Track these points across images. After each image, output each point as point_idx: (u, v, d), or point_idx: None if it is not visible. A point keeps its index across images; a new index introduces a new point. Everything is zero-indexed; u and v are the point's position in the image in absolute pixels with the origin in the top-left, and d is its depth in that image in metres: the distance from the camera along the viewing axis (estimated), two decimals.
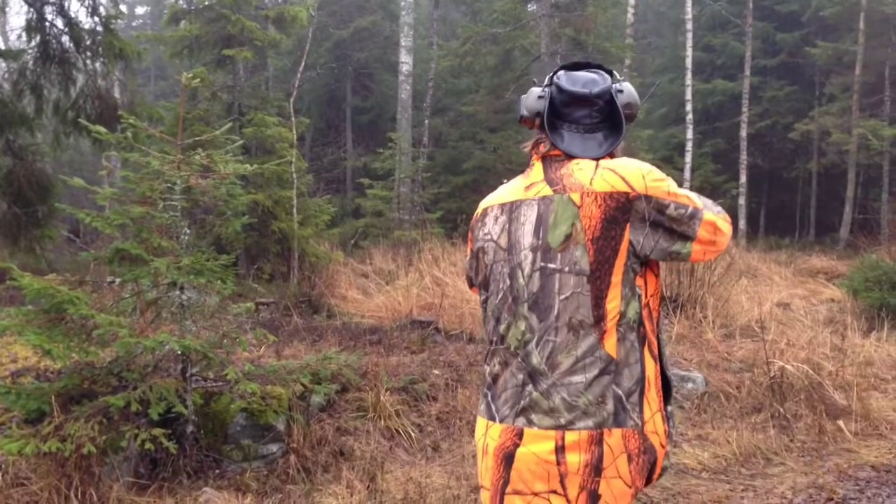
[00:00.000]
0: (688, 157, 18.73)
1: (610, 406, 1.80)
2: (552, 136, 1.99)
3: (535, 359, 1.87)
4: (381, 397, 5.38)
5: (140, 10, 38.20)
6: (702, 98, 19.99)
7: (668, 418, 1.93)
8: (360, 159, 18.36)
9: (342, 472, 4.62)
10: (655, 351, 1.91)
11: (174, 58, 11.95)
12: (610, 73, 2.08)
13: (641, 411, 1.83)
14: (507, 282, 1.96)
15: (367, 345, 6.65)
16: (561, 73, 2.07)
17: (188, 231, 4.69)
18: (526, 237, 1.93)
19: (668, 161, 19.83)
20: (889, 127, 17.17)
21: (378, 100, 19.98)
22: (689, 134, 18.78)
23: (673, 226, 1.87)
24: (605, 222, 1.83)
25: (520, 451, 1.86)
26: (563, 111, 2.01)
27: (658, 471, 1.90)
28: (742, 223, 18.96)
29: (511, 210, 2.00)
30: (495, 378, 1.97)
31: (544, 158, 2.01)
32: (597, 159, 1.94)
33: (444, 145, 18.24)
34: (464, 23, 19.03)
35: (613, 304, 1.82)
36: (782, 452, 5.42)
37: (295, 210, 10.81)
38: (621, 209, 1.83)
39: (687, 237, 1.87)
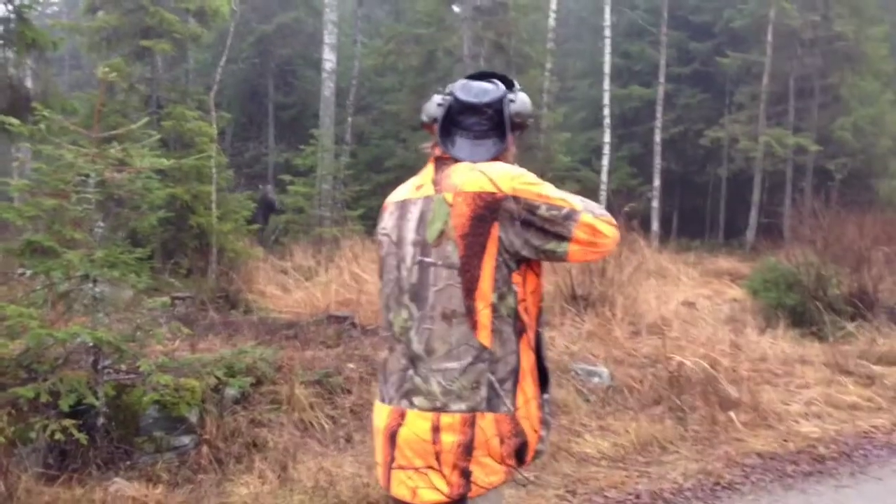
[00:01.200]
0: (605, 161, 19.26)
1: (483, 392, 1.97)
2: (443, 141, 2.14)
3: (415, 345, 2.03)
4: (296, 390, 5.48)
5: None
6: (619, 103, 20.56)
7: (542, 406, 2.09)
8: (281, 155, 18.28)
9: (254, 463, 4.72)
10: (533, 343, 2.07)
11: (91, 49, 11.72)
12: (510, 83, 2.22)
13: (515, 398, 2.00)
14: (395, 273, 2.12)
15: (283, 339, 6.72)
16: (459, 82, 2.22)
17: (102, 224, 4.70)
18: (410, 233, 2.09)
19: (587, 164, 20.35)
20: (792, 135, 18.00)
21: (301, 96, 19.91)
22: (607, 138, 19.31)
23: (545, 226, 2.00)
24: (473, 220, 1.97)
25: (402, 430, 2.02)
26: (457, 118, 2.15)
27: (531, 453, 2.07)
28: (655, 225, 19.58)
29: (402, 207, 2.15)
30: (385, 362, 2.15)
31: (437, 161, 2.15)
32: (482, 161, 2.08)
33: (367, 143, 18.33)
34: (387, 22, 19.14)
35: (484, 296, 1.97)
36: (677, 441, 5.73)
37: (214, 205, 10.74)
38: (489, 208, 1.97)
39: (562, 237, 2.00)
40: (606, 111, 19.28)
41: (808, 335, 9.02)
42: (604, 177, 19.20)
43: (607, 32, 19.45)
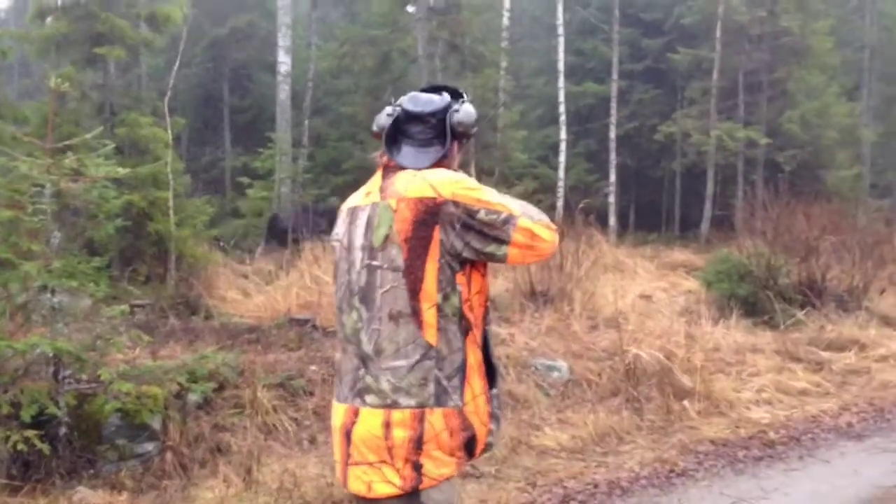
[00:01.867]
0: (562, 157, 19.48)
1: (431, 388, 2.08)
2: (389, 149, 2.26)
3: (365, 345, 2.14)
4: (258, 394, 5.53)
5: (1, 4, 36.38)
6: (574, 100, 20.79)
7: (491, 401, 2.20)
8: (239, 159, 18.19)
9: (219, 467, 4.77)
10: (479, 341, 2.19)
11: (41, 56, 11.59)
12: (459, 95, 2.35)
13: (463, 394, 2.11)
14: (346, 277, 2.23)
15: (244, 343, 6.75)
16: (409, 94, 2.34)
17: (58, 234, 4.71)
18: (358, 238, 2.20)
19: (544, 161, 20.54)
20: (743, 129, 18.38)
21: (257, 99, 19.84)
22: (563, 135, 19.54)
23: (484, 229, 2.10)
24: (415, 224, 2.08)
25: (356, 427, 2.13)
26: (403, 128, 2.27)
27: (481, 447, 2.18)
28: (612, 220, 19.85)
29: (352, 214, 2.26)
30: (339, 363, 2.26)
31: (384, 169, 2.26)
32: (423, 169, 2.19)
33: (325, 145, 18.32)
34: (342, 24, 19.14)
35: (428, 296, 2.08)
36: (633, 431, 5.89)
37: (171, 211, 10.69)
38: (429, 212, 2.08)
39: (501, 241, 2.11)
40: (562, 108, 19.50)
41: (760, 324, 9.26)
42: (561, 173, 19.42)
43: (560, 31, 19.67)
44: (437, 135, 2.25)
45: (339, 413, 2.22)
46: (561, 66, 19.64)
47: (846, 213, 12.75)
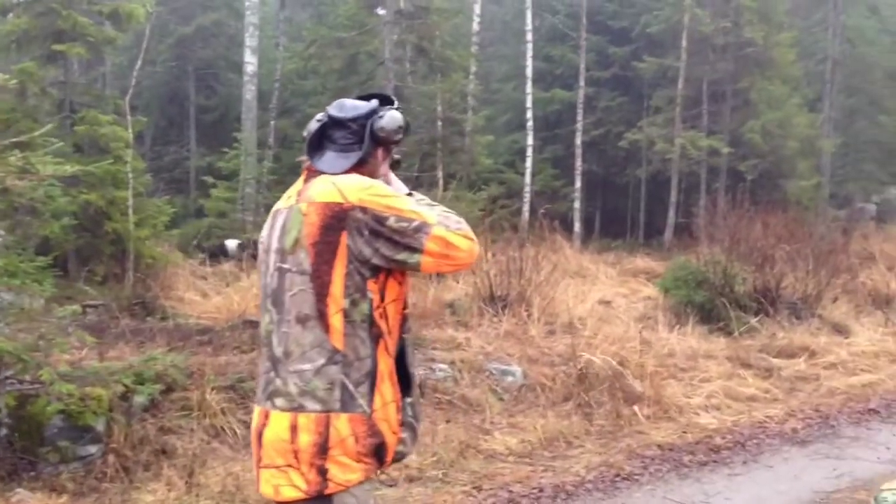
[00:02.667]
0: (528, 163, 19.55)
1: (338, 393, 2.08)
2: (310, 154, 2.30)
3: (275, 348, 2.16)
4: (207, 396, 5.50)
5: None
6: (542, 106, 20.86)
7: (403, 409, 2.21)
8: (203, 159, 18.05)
9: (162, 470, 4.74)
10: (392, 349, 2.19)
11: (1, 53, 11.44)
12: (390, 102, 2.37)
13: (372, 401, 2.11)
14: (264, 279, 2.25)
15: (196, 345, 6.71)
16: (337, 101, 2.37)
17: (2, 233, 4.66)
18: (274, 241, 2.24)
19: (510, 166, 20.61)
20: (706, 138, 18.58)
21: (223, 99, 19.68)
22: (530, 140, 19.62)
23: (394, 237, 2.10)
24: (322, 229, 2.10)
25: (266, 430, 2.14)
26: (328, 133, 2.30)
27: (391, 454, 2.18)
28: (577, 226, 19.96)
29: (274, 217, 2.30)
30: (259, 365, 2.27)
31: (308, 172, 2.29)
32: (341, 173, 2.22)
33: (291, 146, 18.20)
34: (310, 25, 19.07)
35: (335, 301, 2.09)
36: (582, 436, 5.95)
37: (131, 210, 10.58)
38: (336, 217, 2.10)
39: (413, 249, 2.11)
40: (529, 114, 19.59)
41: (715, 331, 9.38)
42: (527, 179, 19.50)
43: (529, 37, 19.76)
44: (359, 140, 2.26)
45: (255, 415, 2.23)
46: (529, 71, 19.74)
47: (803, 223, 12.95)
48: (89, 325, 6.87)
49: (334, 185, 2.16)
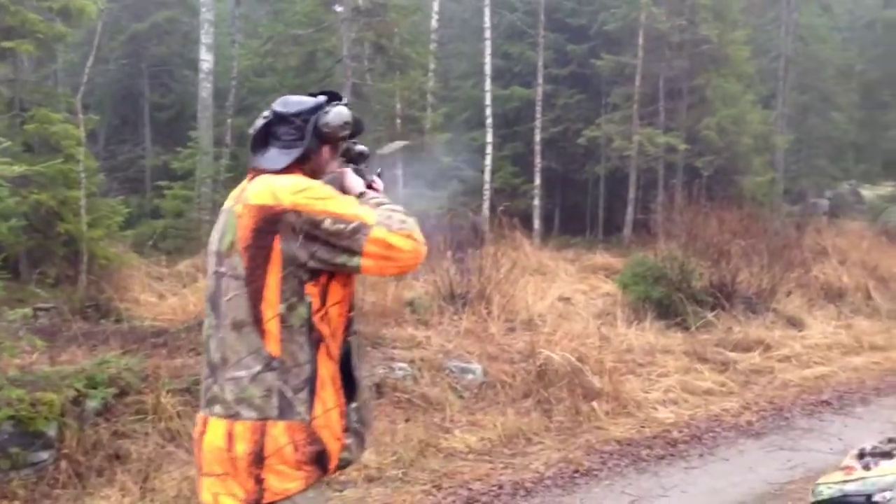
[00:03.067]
0: (488, 160, 19.58)
1: (275, 401, 2.02)
2: (253, 152, 2.26)
3: (213, 353, 2.11)
4: (162, 399, 5.41)
5: None
6: (501, 103, 20.89)
7: (348, 414, 2.14)
8: (159, 158, 17.79)
9: (116, 475, 4.66)
10: (335, 354, 2.13)
11: None
12: (338, 98, 2.32)
13: (311, 407, 2.05)
14: (207, 282, 2.20)
15: (151, 347, 6.60)
16: (282, 97, 2.32)
17: None
18: (214, 243, 2.21)
19: (470, 163, 20.63)
20: (663, 134, 18.77)
21: (178, 97, 19.38)
22: (489, 137, 19.65)
23: (331, 240, 2.04)
24: (255, 232, 2.06)
25: (205, 437, 2.10)
26: (273, 129, 2.25)
27: (335, 462, 2.12)
28: (537, 223, 20.06)
29: (220, 218, 2.26)
30: (201, 371, 2.22)
31: (252, 172, 2.25)
32: (281, 170, 2.17)
33: (248, 145, 18.08)
34: (266, 22, 18.88)
35: (271, 306, 2.04)
36: (542, 432, 5.98)
37: (83, 211, 10.39)
38: (269, 221, 2.05)
39: (352, 251, 2.05)
40: (488, 111, 19.63)
41: (673, 326, 9.50)
42: (487, 176, 19.53)
43: (487, 34, 19.79)
44: (302, 136, 2.22)
45: (197, 421, 2.19)
46: (488, 69, 19.76)
47: (757, 218, 13.15)
48: (40, 328, 6.74)
49: (269, 186, 2.11)
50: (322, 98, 2.29)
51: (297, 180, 2.14)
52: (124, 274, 10.57)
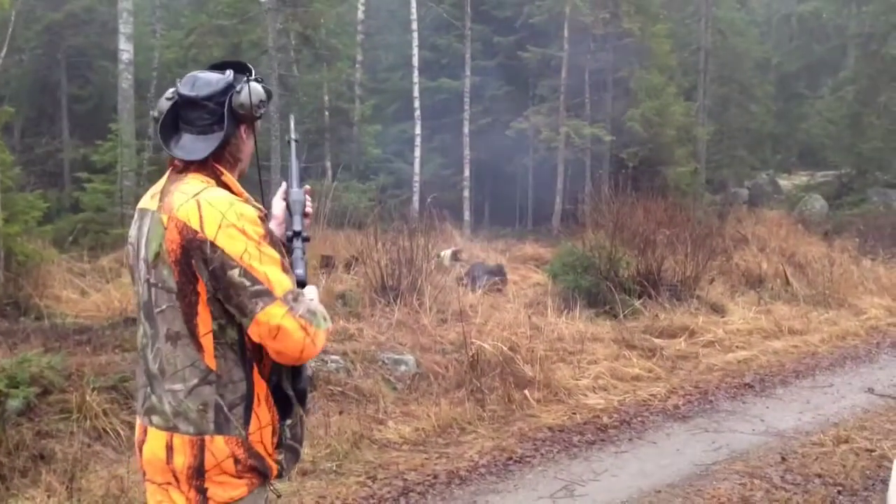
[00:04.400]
0: (417, 152, 19.65)
1: (211, 415, 1.96)
2: (164, 139, 2.06)
3: (150, 363, 2.03)
4: (87, 397, 5.27)
5: None
6: (429, 95, 20.93)
7: (281, 431, 2.07)
8: (78, 151, 17.23)
9: (41, 476, 4.52)
10: (266, 372, 2.04)
11: None
12: (246, 71, 2.13)
13: (247, 423, 1.98)
14: (136, 286, 2.10)
15: (74, 345, 6.42)
16: (188, 75, 2.11)
17: None
18: (141, 248, 2.05)
19: (399, 155, 20.63)
20: (589, 126, 19.08)
21: (97, 88, 18.81)
22: (418, 129, 19.70)
23: (230, 290, 1.90)
24: (182, 249, 1.93)
25: (145, 446, 2.04)
26: (182, 113, 2.06)
27: (274, 475, 2.07)
28: (467, 214, 20.18)
29: (141, 218, 2.09)
30: (136, 377, 2.14)
31: (172, 167, 2.10)
32: (202, 159, 2.03)
33: (156, 129, 17.68)
34: (189, 12, 18.47)
35: (204, 322, 1.95)
36: (475, 422, 6.02)
37: (0, 206, 10.02)
38: (191, 243, 1.92)
39: (244, 311, 1.90)
40: (417, 103, 19.64)
41: (602, 314, 9.66)
42: (416, 168, 19.58)
43: (414, 26, 19.80)
44: (218, 120, 2.03)
45: (137, 426, 2.12)
46: (416, 61, 19.78)
47: (682, 208, 13.49)
48: None
49: (198, 204, 1.94)
50: (230, 74, 2.08)
51: (228, 206, 1.95)
52: (44, 270, 10.21)
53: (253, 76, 2.11)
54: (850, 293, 11.40)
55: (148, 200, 2.10)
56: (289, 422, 2.09)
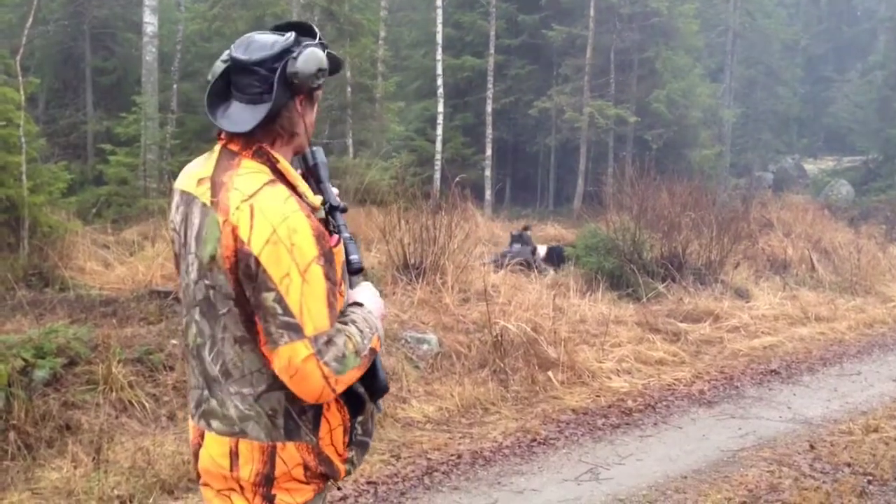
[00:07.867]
0: (439, 130, 19.52)
1: (282, 421, 1.86)
2: (212, 109, 1.90)
3: (209, 366, 1.90)
4: (113, 369, 5.28)
5: None
6: (453, 73, 20.80)
7: (352, 429, 1.97)
8: (101, 123, 17.25)
9: (67, 446, 4.54)
10: None
11: None
12: (311, 34, 1.92)
13: (317, 428, 1.90)
14: (186, 279, 1.95)
15: (99, 317, 6.44)
16: (246, 35, 1.93)
17: None
18: (192, 242, 1.90)
19: (422, 133, 20.54)
20: (613, 107, 18.90)
21: (121, 61, 18.78)
22: (440, 107, 19.56)
23: (260, 311, 1.79)
24: (237, 254, 1.79)
25: (202, 451, 1.94)
26: (234, 79, 1.88)
27: (342, 475, 1.98)
28: (488, 194, 20.09)
29: (187, 204, 1.93)
30: (187, 373, 2.03)
31: (223, 146, 1.93)
32: (247, 132, 1.86)
33: (195, 111, 17.61)
34: None
35: None
36: (499, 402, 5.99)
37: (24, 176, 10.05)
38: (239, 252, 1.79)
39: (269, 338, 1.79)
40: (440, 81, 19.50)
41: (625, 297, 9.60)
42: (438, 146, 19.47)
43: (439, 3, 19.61)
44: (270, 89, 1.83)
45: (190, 428, 2.02)
46: (440, 38, 19.61)
47: (706, 191, 13.35)
48: None
49: (251, 210, 1.78)
50: (290, 37, 1.87)
51: (282, 219, 1.78)
52: (68, 241, 10.25)
53: (317, 41, 1.91)
54: (877, 280, 11.27)
55: (193, 185, 1.92)
56: (360, 419, 2.00)
